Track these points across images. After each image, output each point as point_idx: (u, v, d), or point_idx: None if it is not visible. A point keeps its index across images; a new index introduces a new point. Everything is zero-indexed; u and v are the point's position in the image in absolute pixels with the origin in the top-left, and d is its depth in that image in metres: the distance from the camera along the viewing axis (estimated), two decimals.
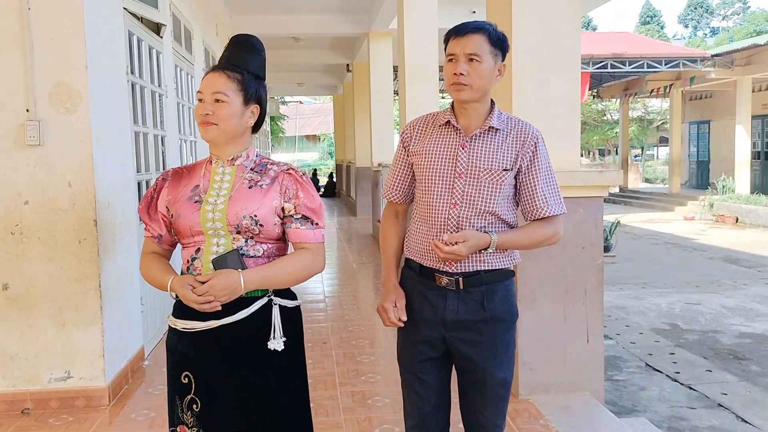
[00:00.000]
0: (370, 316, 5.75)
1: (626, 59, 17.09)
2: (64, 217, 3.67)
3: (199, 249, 1.96)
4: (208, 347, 1.94)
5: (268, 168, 2.02)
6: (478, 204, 2.10)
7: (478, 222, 2.10)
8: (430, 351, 2.19)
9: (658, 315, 7.10)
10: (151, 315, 4.89)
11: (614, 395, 4.72)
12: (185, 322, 1.95)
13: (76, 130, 3.65)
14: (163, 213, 2.03)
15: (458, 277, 2.11)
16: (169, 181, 2.06)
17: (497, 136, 2.13)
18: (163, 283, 1.97)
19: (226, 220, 1.92)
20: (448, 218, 2.10)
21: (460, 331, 2.13)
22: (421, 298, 2.17)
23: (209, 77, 1.98)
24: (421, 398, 2.22)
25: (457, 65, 2.07)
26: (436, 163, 2.14)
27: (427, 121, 2.24)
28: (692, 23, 59.14)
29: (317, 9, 10.45)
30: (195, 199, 1.97)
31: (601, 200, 3.80)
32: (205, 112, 1.95)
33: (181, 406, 1.98)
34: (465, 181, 2.10)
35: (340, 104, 21.58)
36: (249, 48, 2.03)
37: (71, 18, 3.60)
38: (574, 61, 3.76)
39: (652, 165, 33.91)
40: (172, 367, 2.02)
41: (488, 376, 2.14)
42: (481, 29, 2.08)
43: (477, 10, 9.93)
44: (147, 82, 5.01)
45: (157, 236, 2.05)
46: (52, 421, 3.60)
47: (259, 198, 1.95)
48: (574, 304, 3.77)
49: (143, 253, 2.08)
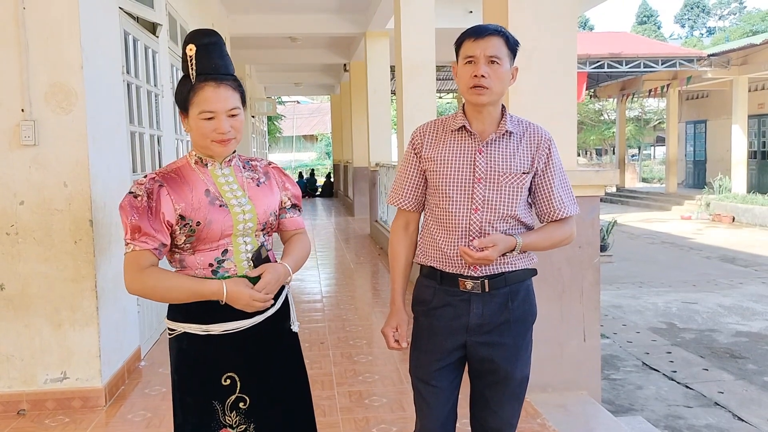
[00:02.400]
0: (368, 316, 5.75)
1: (623, 59, 17.11)
2: (59, 218, 3.66)
3: (226, 251, 1.94)
4: (248, 342, 1.97)
5: (253, 165, 2.11)
6: (500, 208, 2.09)
7: (501, 226, 2.10)
8: (447, 358, 2.17)
9: (655, 314, 7.11)
10: (147, 316, 4.88)
11: (611, 394, 4.72)
12: (228, 324, 1.93)
13: (71, 130, 3.64)
14: (171, 221, 1.89)
15: (484, 279, 2.09)
16: (167, 187, 1.91)
17: (512, 140, 2.12)
18: (205, 291, 1.87)
19: (257, 219, 1.98)
20: (471, 224, 2.09)
21: (483, 335, 2.12)
22: (444, 305, 2.14)
23: (215, 93, 1.89)
24: (431, 407, 2.19)
25: (478, 67, 2.03)
26: (453, 169, 2.11)
27: (437, 126, 2.20)
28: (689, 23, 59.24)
29: (314, 9, 10.44)
30: (218, 204, 1.93)
31: (598, 199, 3.81)
32: (227, 130, 1.91)
33: (222, 408, 1.95)
34: (485, 186, 2.08)
35: (337, 104, 21.57)
36: (220, 49, 1.97)
37: (66, 17, 3.59)
38: (570, 60, 3.76)
39: (649, 165, 33.96)
40: (203, 373, 1.95)
41: (509, 377, 2.14)
42: (500, 32, 2.06)
43: (474, 10, 9.93)
44: (143, 81, 5.00)
45: (159, 247, 1.88)
46: (48, 422, 3.59)
47: (270, 194, 2.06)
48: (570, 303, 3.77)
49: (138, 269, 1.86)
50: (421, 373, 2.20)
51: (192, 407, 1.97)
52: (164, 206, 1.89)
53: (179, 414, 2.01)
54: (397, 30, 7.73)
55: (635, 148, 35.14)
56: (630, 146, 32.20)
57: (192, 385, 1.97)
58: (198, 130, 1.93)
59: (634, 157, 35.25)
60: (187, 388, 1.98)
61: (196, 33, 1.97)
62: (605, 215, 14.09)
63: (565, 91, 3.77)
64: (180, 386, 2.00)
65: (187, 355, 1.97)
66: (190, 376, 1.97)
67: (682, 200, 18.78)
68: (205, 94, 1.90)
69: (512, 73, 2.12)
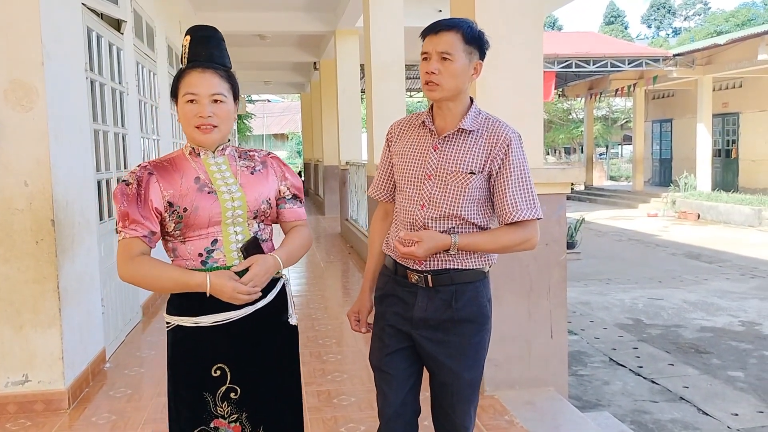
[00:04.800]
0: (338, 315, 5.72)
1: (591, 59, 17.31)
2: (20, 217, 3.58)
3: (216, 240, 1.94)
4: (240, 334, 1.97)
5: (251, 154, 2.10)
6: (442, 207, 2.07)
7: (444, 224, 2.08)
8: (394, 344, 2.17)
9: (622, 310, 7.21)
10: (112, 317, 4.80)
11: (579, 390, 4.77)
12: (217, 315, 1.93)
13: (32, 128, 3.56)
14: (159, 209, 1.91)
15: (427, 274, 2.10)
16: (156, 175, 1.93)
17: (469, 138, 2.08)
18: (190, 282, 1.88)
19: (247, 206, 1.97)
20: (416, 219, 2.10)
21: (428, 330, 2.12)
22: (393, 294, 2.19)
23: (200, 77, 1.91)
24: (385, 394, 2.20)
25: (430, 64, 2.04)
26: (408, 164, 2.15)
27: (409, 121, 2.25)
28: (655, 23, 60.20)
29: (283, 6, 10.37)
30: (207, 190, 1.93)
31: (564, 197, 3.84)
32: (207, 114, 1.91)
33: (213, 400, 1.97)
34: (433, 183, 2.09)
35: (307, 102, 21.46)
36: (217, 42, 2.03)
37: (26, 13, 3.51)
38: (536, 59, 3.79)
39: (617, 163, 34.45)
40: (195, 365, 1.96)
41: (455, 377, 2.12)
42: (454, 27, 2.03)
43: (443, 9, 9.95)
44: (107, 79, 4.91)
45: (148, 234, 1.89)
46: (9, 426, 3.51)
47: (265, 182, 2.04)
48: (538, 301, 3.80)
49: (129, 257, 1.88)
50: (374, 359, 2.26)
51: (185, 400, 1.98)
52: (152, 193, 1.90)
53: (173, 408, 2.03)
54: (367, 28, 7.71)
55: (603, 146, 35.64)
56: (598, 145, 32.63)
57: (185, 377, 1.98)
58: (183, 115, 1.95)
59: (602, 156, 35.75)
60: (180, 381, 1.99)
61: (195, 26, 2.06)
62: (573, 213, 14.26)
63: (532, 90, 3.79)
64: (174, 379, 2.01)
65: (180, 347, 1.99)
66: (183, 368, 1.98)
67: (648, 198, 19.06)
68: (190, 77, 1.93)
69: (475, 67, 2.08)
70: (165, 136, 7.41)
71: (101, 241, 4.59)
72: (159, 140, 7.03)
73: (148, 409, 3.71)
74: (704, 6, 57.31)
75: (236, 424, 1.98)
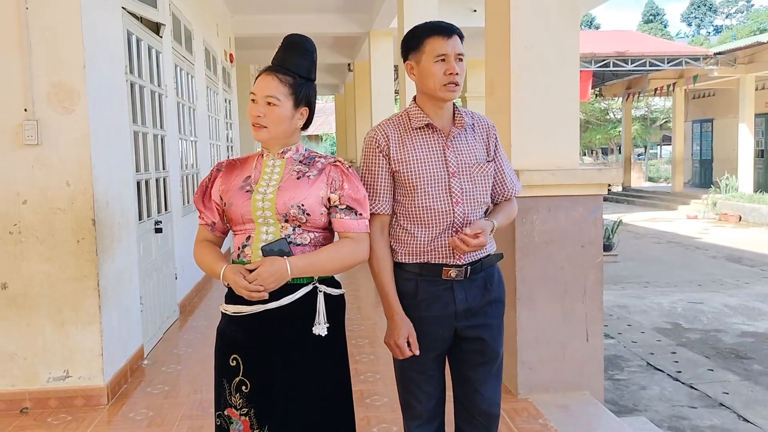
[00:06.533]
0: (371, 316, 5.74)
1: (629, 58, 17.05)
2: (62, 217, 3.67)
3: (249, 236, 2.04)
4: (256, 330, 2.01)
5: (316, 161, 2.11)
6: (477, 198, 2.20)
7: (480, 214, 2.22)
8: (441, 346, 2.23)
9: (660, 314, 7.08)
10: (150, 315, 4.89)
11: (615, 394, 4.70)
12: (235, 306, 2.03)
13: (74, 129, 3.65)
14: (217, 201, 2.13)
15: (467, 267, 2.17)
16: (223, 171, 2.16)
17: (469, 132, 2.23)
18: (215, 271, 2.05)
19: (275, 208, 2.00)
20: (455, 216, 2.16)
21: (470, 318, 2.20)
22: (430, 296, 2.18)
23: (262, 79, 2.05)
24: (428, 396, 2.26)
25: (452, 65, 2.10)
26: (425, 167, 2.15)
27: (397, 126, 2.21)
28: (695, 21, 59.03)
29: (318, 9, 10.44)
30: (246, 189, 2.06)
31: (601, 198, 3.79)
32: (257, 114, 2.04)
33: (229, 389, 2.04)
34: (459, 179, 2.17)
35: (341, 104, 21.56)
36: (300, 50, 2.09)
37: (69, 17, 3.60)
38: (573, 58, 3.75)
39: (655, 164, 33.83)
40: (221, 351, 2.08)
41: (496, 355, 2.26)
42: (459, 31, 2.16)
43: (477, 9, 9.91)
44: (146, 81, 5.01)
45: (211, 224, 2.15)
46: (51, 420, 3.60)
47: (306, 188, 2.03)
48: (573, 303, 3.75)
49: (197, 240, 2.18)
50: (416, 366, 2.22)
51: (216, 383, 2.11)
52: (215, 188, 2.14)
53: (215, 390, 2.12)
54: (401, 29, 7.71)
55: (641, 147, 35.04)
56: (636, 145, 32.12)
57: (215, 359, 2.11)
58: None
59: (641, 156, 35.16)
60: (215, 365, 2.11)
61: (289, 34, 2.14)
62: (611, 215, 14.05)
63: (568, 89, 3.75)
64: (215, 362, 2.12)
65: (218, 331, 2.13)
66: (216, 350, 2.11)
67: (688, 199, 18.69)
68: (258, 79, 2.08)
69: None
70: (202, 138, 7.52)
71: (140, 241, 4.68)
72: (196, 141, 7.14)
73: (185, 405, 3.77)
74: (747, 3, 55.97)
75: (245, 417, 2.02)
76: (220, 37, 9.21)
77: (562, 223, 3.72)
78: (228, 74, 10.26)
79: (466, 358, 2.25)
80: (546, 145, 3.74)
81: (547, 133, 3.74)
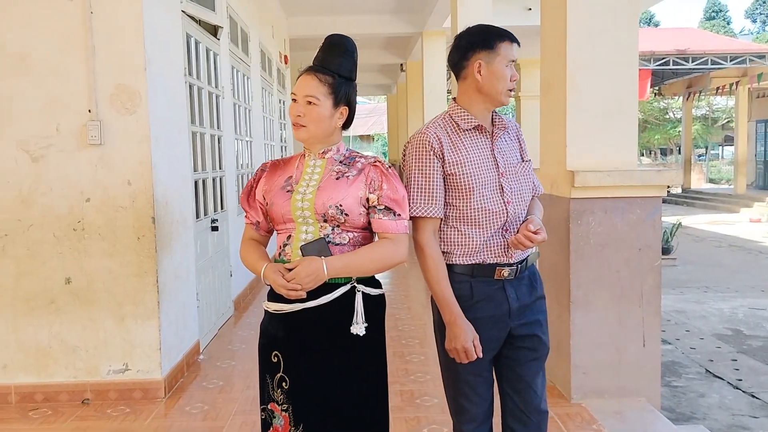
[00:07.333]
0: (421, 316, 5.73)
1: (689, 56, 16.56)
2: (123, 215, 3.79)
3: (290, 236, 2.07)
4: (296, 328, 2.04)
5: (356, 161, 2.11)
6: (524, 196, 2.25)
7: (525, 212, 2.27)
8: (496, 347, 2.24)
9: (720, 320, 6.85)
10: (206, 311, 5.00)
11: (672, 402, 4.58)
12: (275, 304, 2.07)
13: (135, 130, 3.76)
14: (260, 201, 2.16)
15: (518, 264, 2.21)
16: (267, 171, 2.19)
17: (505, 133, 2.28)
18: (257, 269, 2.09)
19: (314, 208, 2.02)
20: (508, 216, 2.18)
21: (523, 316, 2.22)
22: (484, 297, 2.18)
23: (302, 79, 2.08)
24: (482, 398, 2.26)
25: (515, 72, 2.18)
26: (478, 168, 2.16)
27: (447, 128, 2.20)
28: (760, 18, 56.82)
29: (371, 9, 10.49)
30: (287, 189, 2.09)
31: (659, 200, 3.69)
32: (297, 113, 2.07)
33: (272, 384, 2.08)
34: (508, 179, 2.21)
35: (393, 104, 21.59)
36: (341, 50, 2.12)
37: (131, 21, 3.71)
38: (631, 57, 3.66)
39: (717, 165, 32.76)
40: (264, 347, 2.13)
41: (547, 350, 2.30)
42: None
43: (533, 7, 9.78)
44: (204, 83, 5.13)
45: (255, 223, 2.20)
46: (110, 412, 3.72)
47: (345, 188, 2.04)
48: (629, 307, 3.67)
49: (243, 239, 2.24)
50: (474, 368, 2.20)
51: (260, 378, 2.15)
52: (258, 187, 2.18)
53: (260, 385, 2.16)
54: (454, 29, 7.69)
55: (702, 147, 34.01)
56: (697, 146, 31.19)
57: (259, 355, 2.15)
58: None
59: (701, 157, 34.11)
60: (259, 360, 2.15)
61: (331, 34, 2.16)
62: (669, 217, 13.67)
63: (626, 88, 3.67)
64: (258, 358, 2.15)
65: (261, 328, 2.17)
66: (260, 346, 2.15)
67: (751, 202, 18.04)
68: (299, 79, 2.11)
69: None
70: (257, 138, 7.65)
71: (197, 239, 4.79)
72: (251, 142, 7.27)
73: (239, 401, 3.84)
74: None
75: (286, 413, 2.05)
76: (275, 39, 9.34)
77: (619, 225, 3.64)
78: (282, 75, 10.40)
79: (518, 355, 2.25)
80: (602, 146, 3.66)
81: (603, 133, 3.67)
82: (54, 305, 3.82)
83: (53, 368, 3.86)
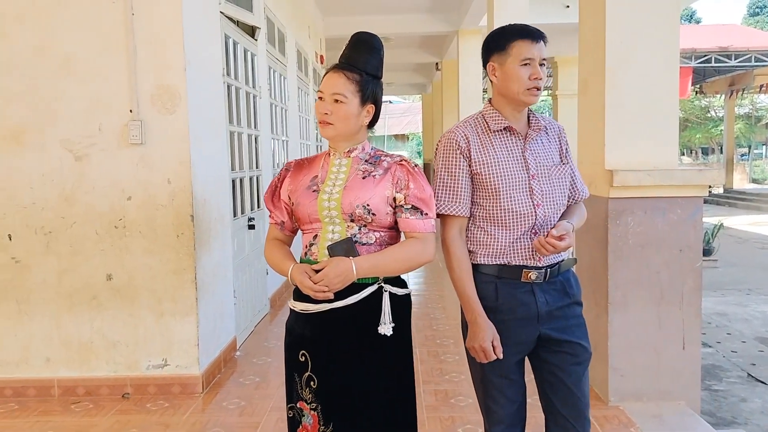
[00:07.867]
0: (455, 316, 5.71)
1: (732, 53, 16.20)
2: (163, 213, 3.86)
3: (316, 236, 2.06)
4: (323, 328, 2.04)
5: (381, 160, 2.10)
6: (557, 200, 2.20)
7: (558, 216, 2.22)
8: (524, 350, 2.22)
9: (763, 323, 6.68)
10: (243, 308, 5.06)
11: (712, 406, 4.48)
12: (302, 304, 2.06)
13: (175, 129, 3.83)
14: (285, 201, 2.16)
15: (547, 269, 2.16)
16: (291, 171, 2.19)
17: (542, 135, 2.24)
18: (284, 269, 2.08)
19: (341, 208, 2.01)
20: (537, 218, 2.15)
21: (553, 321, 2.18)
22: (510, 298, 2.16)
23: (329, 77, 2.07)
24: (510, 400, 2.24)
25: (537, 69, 2.11)
26: (507, 170, 2.14)
27: (476, 128, 2.19)
28: None
29: (407, 8, 10.49)
30: (313, 189, 2.08)
31: (701, 200, 3.62)
32: (324, 111, 2.05)
33: (300, 383, 2.08)
34: (539, 181, 2.17)
35: (428, 103, 21.56)
36: (368, 47, 2.10)
37: (171, 23, 3.78)
38: (672, 54, 3.60)
39: (760, 165, 31.92)
40: (290, 346, 2.12)
41: (588, 354, 2.25)
42: (545, 37, 2.15)
43: (570, 5, 9.66)
44: (242, 83, 5.19)
45: (280, 223, 2.19)
46: (149, 406, 3.79)
47: (372, 188, 2.03)
48: (669, 309, 3.60)
49: (267, 239, 2.23)
50: (498, 370, 2.20)
51: (285, 374, 2.15)
52: (283, 187, 2.18)
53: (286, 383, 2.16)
54: (490, 27, 7.63)
55: (745, 147, 33.19)
56: (739, 145, 30.45)
57: (286, 354, 2.15)
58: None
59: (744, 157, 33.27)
60: (285, 359, 2.15)
61: (357, 32, 2.14)
62: (711, 218, 13.38)
63: (666, 87, 3.60)
64: (285, 356, 2.16)
65: (287, 327, 2.16)
66: (286, 345, 2.15)
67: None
68: (325, 77, 2.09)
69: None
70: (293, 137, 7.71)
71: (234, 237, 4.86)
72: (288, 141, 7.33)
73: (275, 397, 3.88)
74: None
75: (314, 412, 2.05)
76: (311, 39, 9.41)
77: (659, 225, 3.58)
78: (318, 75, 10.47)
79: (557, 360, 2.21)
80: (642, 145, 3.60)
81: (643, 132, 3.61)
82: (95, 301, 3.91)
83: (95, 363, 3.95)
